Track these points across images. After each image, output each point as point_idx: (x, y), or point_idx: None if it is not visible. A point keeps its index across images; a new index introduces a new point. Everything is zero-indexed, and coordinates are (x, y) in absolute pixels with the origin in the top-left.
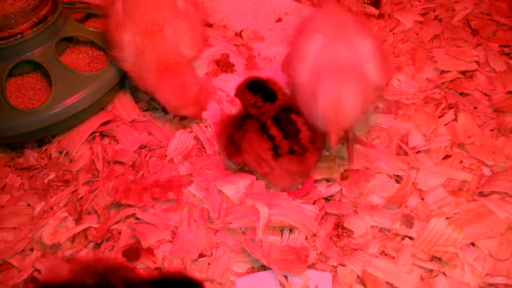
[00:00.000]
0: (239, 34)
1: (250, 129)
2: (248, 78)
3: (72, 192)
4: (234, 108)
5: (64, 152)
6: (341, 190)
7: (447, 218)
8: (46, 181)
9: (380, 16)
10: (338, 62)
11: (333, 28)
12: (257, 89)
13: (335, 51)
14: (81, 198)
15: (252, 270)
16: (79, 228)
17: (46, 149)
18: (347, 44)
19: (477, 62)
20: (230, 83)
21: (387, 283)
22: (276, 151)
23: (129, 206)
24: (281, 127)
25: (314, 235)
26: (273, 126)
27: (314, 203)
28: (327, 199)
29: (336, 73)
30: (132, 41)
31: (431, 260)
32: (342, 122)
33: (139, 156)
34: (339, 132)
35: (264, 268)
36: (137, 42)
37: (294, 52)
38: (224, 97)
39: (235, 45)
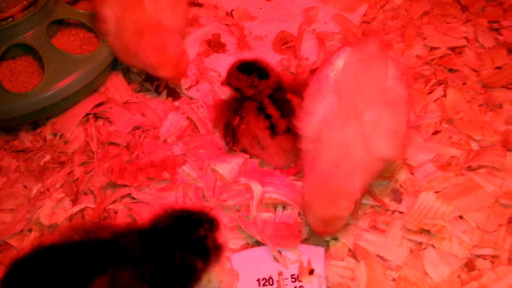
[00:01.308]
0: (230, 14)
1: (248, 111)
2: (235, 62)
3: (68, 174)
4: (225, 88)
5: (59, 134)
6: None
7: (436, 192)
8: (41, 163)
9: None
10: (338, 143)
11: (350, 89)
12: (249, 70)
13: (341, 128)
14: (77, 179)
15: (246, 246)
16: (76, 208)
17: (40, 132)
18: (357, 118)
19: (466, 38)
20: (221, 63)
21: (378, 256)
22: (273, 130)
23: (125, 186)
24: (279, 106)
25: None
26: (270, 105)
27: None
28: None
29: (324, 174)
30: (112, 13)
31: (420, 233)
32: (332, 234)
33: (133, 137)
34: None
35: (258, 244)
36: (117, 14)
37: (307, 101)
38: (216, 77)
39: (226, 24)
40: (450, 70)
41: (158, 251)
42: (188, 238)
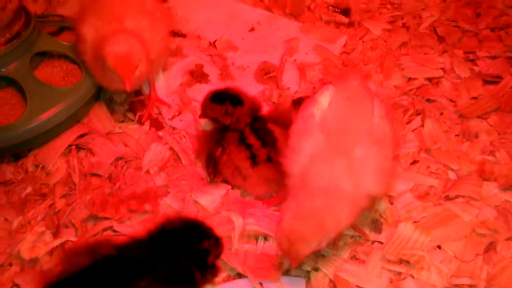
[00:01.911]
0: (213, 44)
1: (230, 142)
2: (207, 94)
3: (50, 206)
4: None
5: (41, 166)
6: None
7: (415, 222)
8: (23, 195)
9: (350, 24)
10: (326, 179)
11: (338, 126)
12: (221, 98)
13: (329, 164)
14: (59, 211)
15: (228, 278)
16: (57, 242)
17: (22, 163)
18: (345, 155)
19: (443, 69)
20: (204, 93)
21: (358, 286)
22: (254, 159)
23: (106, 218)
24: (259, 136)
25: None
26: (251, 135)
27: None
28: None
29: (305, 208)
30: (92, 31)
31: (400, 263)
32: (295, 258)
33: (115, 168)
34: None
35: (240, 275)
36: (96, 31)
37: (293, 139)
38: (199, 108)
39: (209, 55)
40: (428, 100)
41: (166, 254)
42: (193, 245)
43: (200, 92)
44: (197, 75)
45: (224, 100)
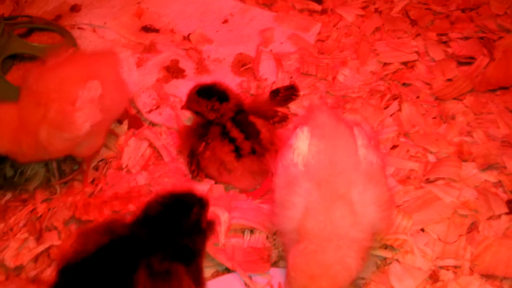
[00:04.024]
0: (187, 38)
1: (213, 137)
2: (194, 87)
3: (31, 211)
4: (188, 112)
5: (19, 170)
6: None
7: (397, 206)
8: (3, 202)
9: (323, 11)
10: (328, 230)
11: (326, 171)
12: (209, 94)
13: (330, 213)
14: (40, 216)
15: (217, 274)
16: (41, 247)
17: (0, 169)
18: (343, 200)
19: (417, 52)
20: (181, 88)
21: None
22: (238, 152)
23: (90, 221)
24: (242, 129)
25: (275, 233)
26: (233, 128)
27: None
28: None
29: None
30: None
31: (385, 248)
32: None
33: (96, 169)
34: None
35: (228, 270)
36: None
37: (280, 194)
38: (178, 102)
39: (184, 49)
40: (404, 84)
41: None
42: (182, 225)
43: (177, 87)
44: (173, 70)
45: (211, 96)
